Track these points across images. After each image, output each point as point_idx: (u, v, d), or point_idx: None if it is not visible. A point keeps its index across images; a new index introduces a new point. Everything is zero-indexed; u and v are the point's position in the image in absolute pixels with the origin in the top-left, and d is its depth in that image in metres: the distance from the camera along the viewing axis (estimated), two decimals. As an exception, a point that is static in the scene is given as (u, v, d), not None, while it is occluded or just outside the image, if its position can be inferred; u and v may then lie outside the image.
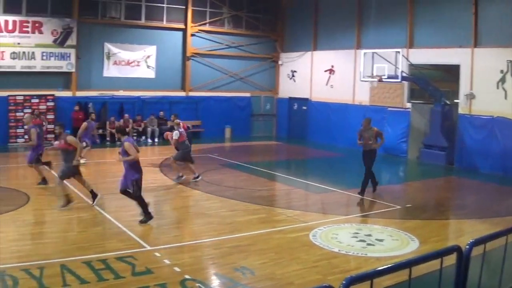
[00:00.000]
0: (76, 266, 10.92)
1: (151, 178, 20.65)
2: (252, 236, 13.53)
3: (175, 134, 20.64)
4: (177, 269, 10.95)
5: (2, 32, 30.31)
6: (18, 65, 30.90)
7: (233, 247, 12.57)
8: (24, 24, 30.90)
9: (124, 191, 14.87)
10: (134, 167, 14.51)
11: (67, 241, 13.02)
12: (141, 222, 14.61)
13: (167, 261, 11.40)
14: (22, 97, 30.98)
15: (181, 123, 21.43)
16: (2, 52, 30.44)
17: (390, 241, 13.33)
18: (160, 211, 16.86)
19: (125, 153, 14.41)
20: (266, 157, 30.16)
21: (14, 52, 30.71)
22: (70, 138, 16.09)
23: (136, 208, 15.04)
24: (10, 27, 30.52)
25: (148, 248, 12.36)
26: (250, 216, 15.73)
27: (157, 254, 11.89)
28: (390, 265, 5.33)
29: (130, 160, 14.35)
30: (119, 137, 15.47)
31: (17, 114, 30.71)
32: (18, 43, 30.80)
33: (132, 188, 14.54)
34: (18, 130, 30.63)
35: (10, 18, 30.49)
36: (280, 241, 13.26)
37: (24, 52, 30.97)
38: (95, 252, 11.93)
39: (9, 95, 30.54)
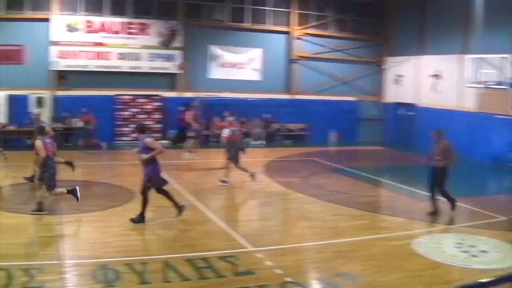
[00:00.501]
0: (179, 263, 11.18)
1: (254, 180, 20.81)
2: (354, 242, 13.46)
3: (225, 132, 20.35)
4: (278, 271, 11.02)
5: (109, 33, 31.24)
6: (125, 66, 31.76)
7: (335, 252, 12.53)
8: (131, 25, 31.79)
9: (160, 190, 14.87)
10: (152, 163, 14.45)
11: (170, 238, 13.39)
12: (132, 220, 14.53)
13: (268, 263, 11.48)
14: (128, 97, 31.82)
15: (233, 123, 21.29)
16: (109, 52, 31.36)
17: (494, 253, 13.01)
18: (264, 213, 17.05)
19: (145, 150, 14.37)
20: (371, 163, 29.77)
21: (121, 53, 31.61)
22: (36, 143, 15.37)
23: (240, 208, 15.27)
24: (117, 28, 31.45)
25: (251, 249, 12.49)
26: (353, 222, 15.66)
27: (259, 255, 11.99)
28: (493, 278, 5.26)
29: (154, 155, 14.27)
30: (138, 135, 15.19)
31: (124, 113, 31.57)
32: (125, 44, 31.66)
33: (143, 183, 14.55)
34: (125, 129, 31.49)
35: (117, 20, 31.42)
36: (382, 248, 13.13)
37: (130, 53, 31.80)
38: (198, 250, 12.19)
39: (116, 95, 31.42)
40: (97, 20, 31.24)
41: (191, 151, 26.12)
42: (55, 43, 30.66)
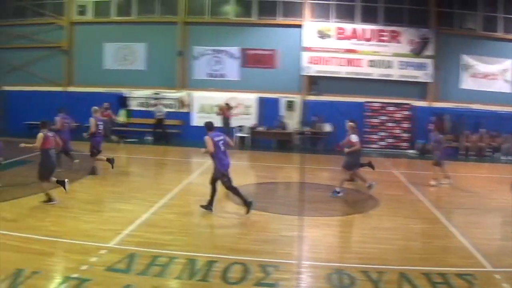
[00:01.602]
0: (415, 276, 10.92)
1: (501, 197, 19.92)
2: None
3: (354, 137, 18.85)
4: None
5: (360, 40, 31.48)
6: (375, 73, 31.83)
7: None
8: (381, 33, 31.80)
9: (228, 187, 15.62)
10: (215, 160, 15.43)
11: (408, 249, 13.13)
12: (202, 206, 15.71)
13: (506, 285, 10.90)
14: (378, 104, 31.82)
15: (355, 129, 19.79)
16: (360, 59, 31.57)
17: None
18: (508, 232, 16.28)
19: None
20: None
21: (371, 60, 31.73)
22: (37, 136, 16.08)
23: (484, 225, 14.72)
24: (368, 35, 31.61)
25: (489, 269, 11.92)
26: None
27: (498, 276, 11.42)
28: None
29: (205, 152, 15.46)
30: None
31: (373, 120, 31.60)
32: (376, 52, 31.69)
33: (222, 179, 15.45)
34: (373, 136, 31.52)
35: (368, 27, 31.60)
36: None
37: (381, 61, 31.80)
38: (435, 264, 11.81)
39: (365, 102, 31.53)
40: (348, 27, 31.65)
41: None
42: (307, 49, 31.47)
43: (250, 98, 32.18)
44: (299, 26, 31.83)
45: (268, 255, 11.83)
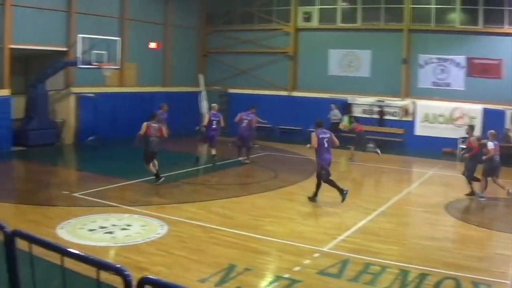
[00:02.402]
0: None
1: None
2: None
3: (490, 145, 18.79)
4: None
5: None
6: None
7: None
8: None
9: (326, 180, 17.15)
10: (317, 155, 16.98)
11: None
12: (309, 198, 17.34)
13: None
14: None
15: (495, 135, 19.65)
16: None
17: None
18: None
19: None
20: None
21: None
22: (143, 125, 18.74)
23: None
24: None
25: None
26: None
27: None
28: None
29: (310, 147, 17.15)
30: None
31: None
32: None
33: (320, 172, 17.03)
34: None
35: None
36: None
37: None
38: None
39: None
40: None
41: None
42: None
43: (474, 109, 31.19)
44: (527, 34, 30.55)
45: (482, 272, 11.45)
